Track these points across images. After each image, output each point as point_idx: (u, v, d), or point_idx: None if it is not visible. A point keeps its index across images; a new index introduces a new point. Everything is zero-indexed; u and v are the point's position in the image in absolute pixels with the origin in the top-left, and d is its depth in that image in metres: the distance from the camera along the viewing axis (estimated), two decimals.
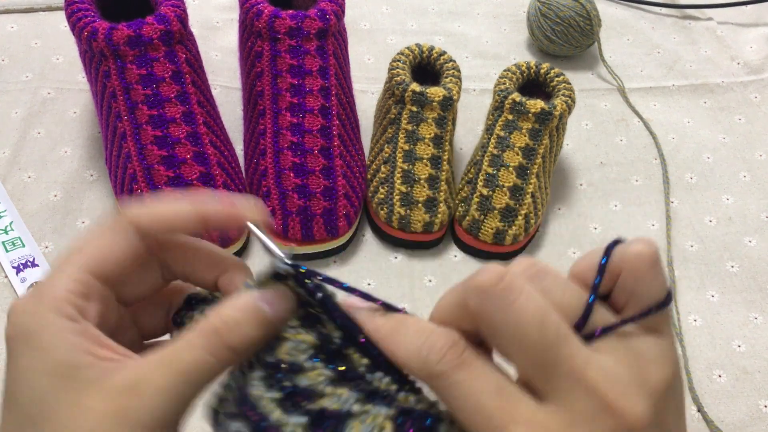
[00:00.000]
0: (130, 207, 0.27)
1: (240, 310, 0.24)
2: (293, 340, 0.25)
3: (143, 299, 0.29)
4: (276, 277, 0.26)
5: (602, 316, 0.24)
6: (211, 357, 0.24)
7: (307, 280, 0.25)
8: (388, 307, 0.26)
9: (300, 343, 0.25)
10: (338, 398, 0.24)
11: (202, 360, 0.23)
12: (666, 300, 0.24)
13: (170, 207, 0.27)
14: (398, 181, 0.58)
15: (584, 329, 0.24)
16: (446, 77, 0.62)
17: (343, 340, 0.25)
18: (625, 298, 0.25)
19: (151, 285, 0.29)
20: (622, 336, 0.24)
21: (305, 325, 0.26)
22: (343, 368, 0.25)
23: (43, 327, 0.24)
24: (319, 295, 0.25)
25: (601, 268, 0.25)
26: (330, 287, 0.26)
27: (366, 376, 0.25)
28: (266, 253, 0.27)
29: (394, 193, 0.58)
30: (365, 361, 0.25)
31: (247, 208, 0.28)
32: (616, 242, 0.25)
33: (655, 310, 0.24)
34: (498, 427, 0.22)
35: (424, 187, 0.58)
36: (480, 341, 0.25)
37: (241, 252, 0.58)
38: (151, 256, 0.27)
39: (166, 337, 0.31)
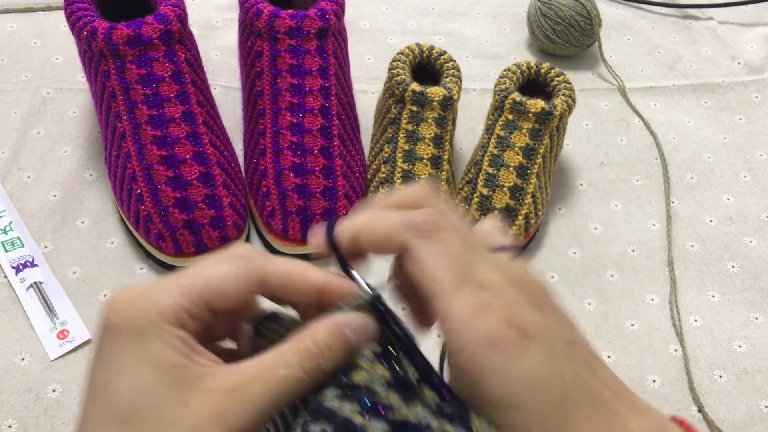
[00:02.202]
0: (263, 259, 0.28)
1: (330, 335, 0.26)
2: (369, 371, 0.26)
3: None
4: (362, 307, 0.28)
5: None
6: (305, 375, 0.25)
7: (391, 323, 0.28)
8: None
9: (375, 374, 0.26)
10: (416, 413, 0.25)
11: (297, 377, 0.25)
12: (518, 247, 0.30)
13: (298, 272, 0.28)
14: (398, 181, 0.58)
15: None
16: (446, 77, 0.62)
17: (418, 379, 0.27)
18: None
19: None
20: None
21: (380, 357, 0.27)
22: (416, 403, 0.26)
23: (150, 326, 0.25)
24: (401, 334, 0.27)
25: None
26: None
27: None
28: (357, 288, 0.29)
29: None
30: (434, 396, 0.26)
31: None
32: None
33: (514, 248, 0.30)
34: (453, 286, 0.26)
35: None
36: None
37: None
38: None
39: (227, 342, 0.31)
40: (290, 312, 0.30)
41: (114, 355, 0.25)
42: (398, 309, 0.30)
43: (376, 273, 0.32)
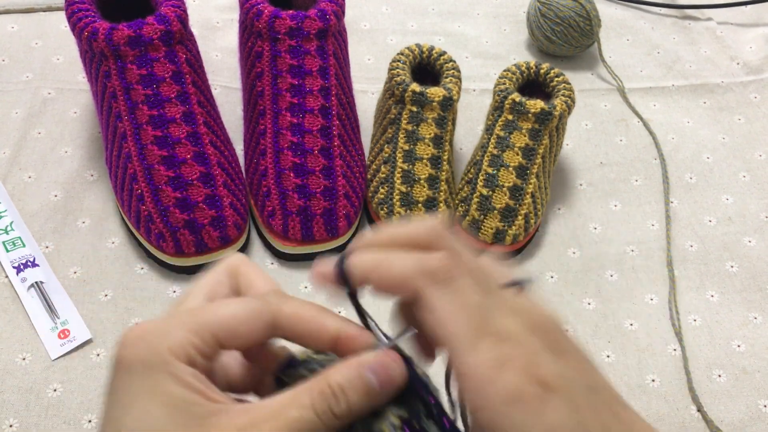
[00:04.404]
0: (277, 298, 0.28)
1: (348, 378, 0.25)
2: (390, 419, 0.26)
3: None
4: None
5: None
6: (317, 418, 0.24)
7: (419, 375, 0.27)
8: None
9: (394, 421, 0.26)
10: None
11: (309, 419, 0.24)
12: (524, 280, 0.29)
13: (313, 317, 0.27)
14: (398, 181, 0.59)
15: None
16: (446, 77, 0.62)
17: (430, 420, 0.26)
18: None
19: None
20: None
21: (405, 426, 0.26)
22: None
23: (161, 362, 0.24)
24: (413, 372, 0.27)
25: None
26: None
27: None
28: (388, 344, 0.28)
29: (394, 193, 0.58)
30: None
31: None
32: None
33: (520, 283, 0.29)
34: (473, 338, 0.25)
35: (424, 187, 0.58)
36: None
37: (241, 251, 0.58)
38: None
39: (250, 397, 0.31)
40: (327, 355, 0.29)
41: (124, 391, 0.24)
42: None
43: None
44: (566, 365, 0.25)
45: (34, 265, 0.56)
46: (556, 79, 0.63)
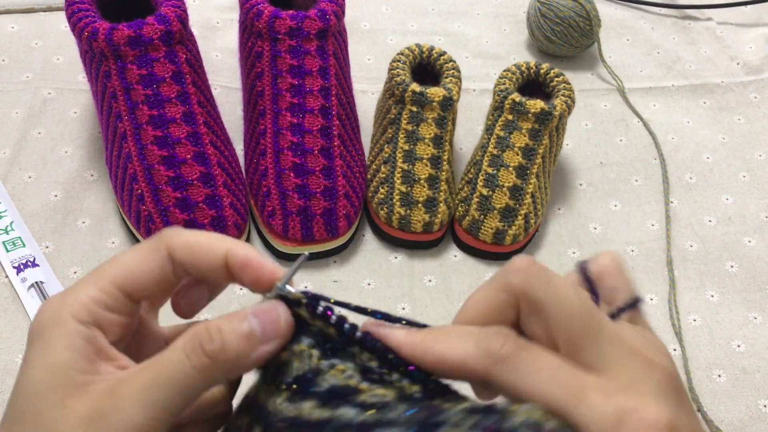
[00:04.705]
0: (170, 233, 0.27)
1: (228, 321, 0.24)
2: (330, 373, 0.25)
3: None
4: (289, 303, 0.26)
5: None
6: (188, 361, 0.23)
7: (324, 306, 0.25)
8: (413, 324, 0.27)
9: (342, 372, 0.25)
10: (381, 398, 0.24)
11: (179, 361, 0.23)
12: (638, 299, 0.28)
13: (204, 242, 0.27)
14: (398, 181, 0.59)
15: None
16: (446, 77, 0.62)
17: (382, 366, 0.25)
18: (609, 299, 0.29)
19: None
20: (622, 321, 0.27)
21: (334, 356, 0.25)
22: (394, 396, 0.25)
23: (56, 325, 0.24)
24: (346, 326, 0.25)
25: (585, 277, 0.30)
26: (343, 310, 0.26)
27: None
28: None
29: (394, 193, 0.58)
30: (416, 388, 0.25)
31: (271, 271, 0.27)
32: (584, 262, 0.30)
33: (636, 303, 0.28)
34: (575, 395, 0.23)
35: (424, 187, 0.58)
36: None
37: None
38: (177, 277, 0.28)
39: None
40: None
41: (24, 359, 0.25)
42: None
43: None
44: (688, 414, 0.24)
45: (34, 265, 0.56)
46: (556, 79, 0.63)
